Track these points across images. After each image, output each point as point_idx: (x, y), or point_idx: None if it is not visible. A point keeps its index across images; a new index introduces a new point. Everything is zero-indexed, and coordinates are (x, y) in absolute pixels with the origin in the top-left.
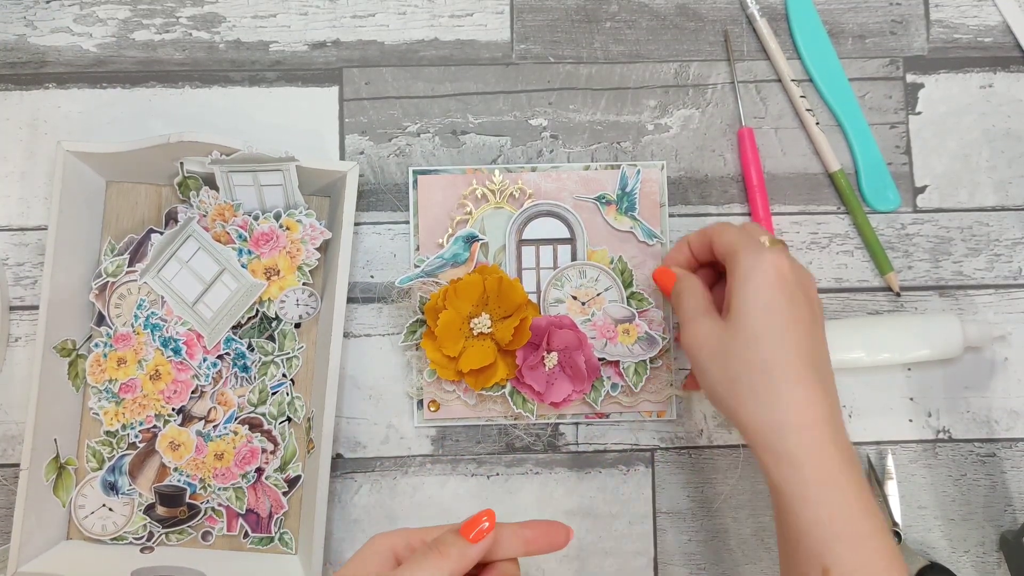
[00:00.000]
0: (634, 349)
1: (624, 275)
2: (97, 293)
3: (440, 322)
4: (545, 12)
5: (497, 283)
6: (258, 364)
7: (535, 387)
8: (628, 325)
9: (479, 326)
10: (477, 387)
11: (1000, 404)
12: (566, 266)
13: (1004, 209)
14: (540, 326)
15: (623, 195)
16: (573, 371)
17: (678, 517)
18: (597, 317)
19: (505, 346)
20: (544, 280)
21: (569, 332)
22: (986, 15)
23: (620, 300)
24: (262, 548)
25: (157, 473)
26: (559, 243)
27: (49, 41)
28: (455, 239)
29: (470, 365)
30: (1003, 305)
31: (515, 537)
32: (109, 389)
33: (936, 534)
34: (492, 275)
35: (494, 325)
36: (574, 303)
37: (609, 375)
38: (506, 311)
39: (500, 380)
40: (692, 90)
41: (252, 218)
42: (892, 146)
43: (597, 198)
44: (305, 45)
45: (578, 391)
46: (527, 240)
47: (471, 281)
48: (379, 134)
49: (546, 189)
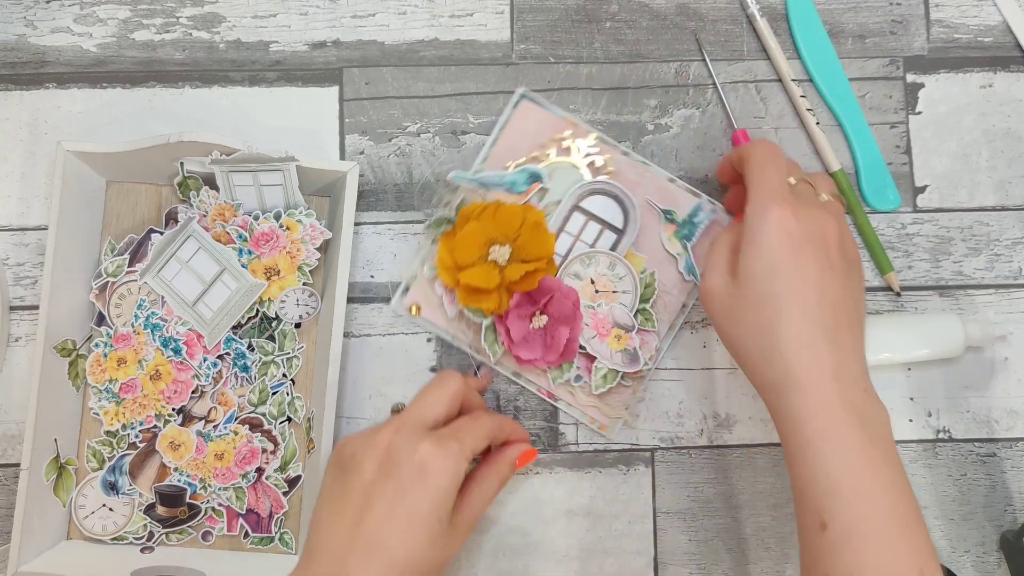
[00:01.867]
0: (615, 357)
1: (647, 290)
2: (97, 293)
3: (466, 230)
4: (545, 12)
5: (534, 226)
6: (258, 364)
7: (511, 333)
8: (623, 333)
9: (497, 254)
10: (463, 302)
11: (1000, 404)
12: (602, 252)
13: (1004, 209)
14: (549, 286)
15: (687, 222)
16: (551, 342)
17: (678, 517)
18: (601, 310)
19: (508, 284)
20: (576, 251)
21: (570, 306)
22: (986, 15)
23: (630, 308)
24: (262, 548)
25: (157, 473)
26: (608, 228)
27: (49, 41)
28: (522, 169)
29: (469, 280)
30: (1003, 305)
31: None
32: (109, 389)
33: (936, 534)
34: (533, 217)
35: (510, 262)
36: (589, 286)
37: (579, 366)
38: (527, 256)
39: (486, 309)
40: (692, 90)
41: (252, 218)
42: (892, 146)
43: (665, 211)
44: (305, 45)
45: (545, 361)
46: (583, 209)
47: (513, 211)
48: (379, 134)
49: (626, 176)
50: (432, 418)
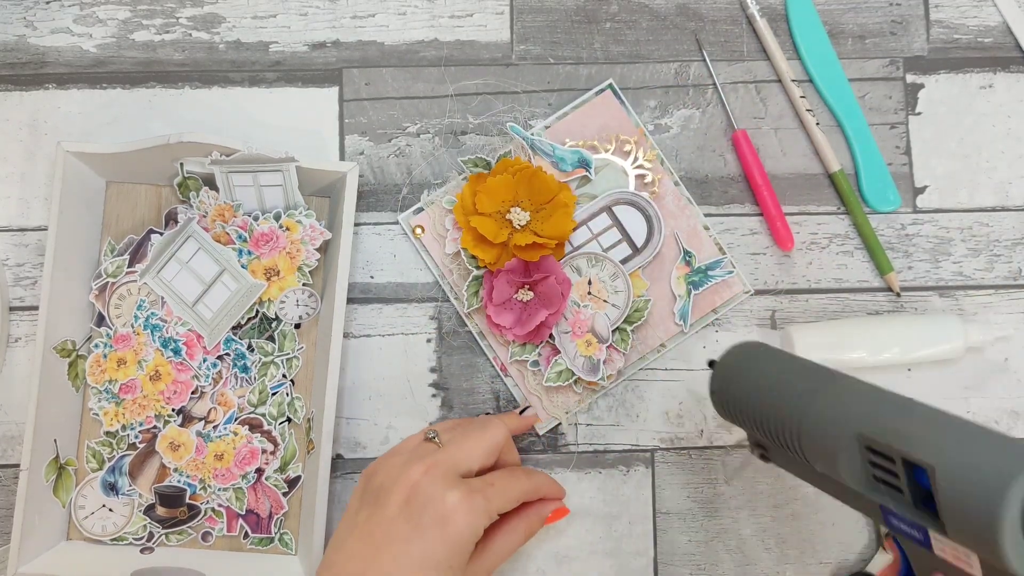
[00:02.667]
0: (577, 360)
1: (635, 313)
2: (97, 293)
3: (497, 179)
4: (545, 13)
5: (562, 206)
6: (258, 365)
7: (494, 293)
8: (594, 341)
9: (515, 215)
10: (465, 244)
11: (1000, 404)
12: (612, 260)
13: (1004, 209)
14: (548, 266)
15: (702, 271)
16: (526, 318)
17: (678, 517)
18: (585, 312)
19: (512, 246)
20: (588, 248)
21: (558, 293)
22: (986, 15)
23: (611, 322)
24: (262, 548)
25: (157, 474)
26: (627, 242)
27: (49, 42)
28: (576, 151)
29: (479, 226)
30: (1003, 305)
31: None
32: (109, 390)
33: None
34: (565, 197)
35: (524, 228)
36: (584, 285)
37: (540, 352)
38: (542, 230)
39: (482, 260)
40: (692, 90)
41: (252, 219)
42: (892, 146)
43: (687, 251)
44: (305, 45)
45: (512, 333)
46: (612, 213)
47: (549, 183)
48: (379, 134)
49: (666, 203)
50: (467, 466)
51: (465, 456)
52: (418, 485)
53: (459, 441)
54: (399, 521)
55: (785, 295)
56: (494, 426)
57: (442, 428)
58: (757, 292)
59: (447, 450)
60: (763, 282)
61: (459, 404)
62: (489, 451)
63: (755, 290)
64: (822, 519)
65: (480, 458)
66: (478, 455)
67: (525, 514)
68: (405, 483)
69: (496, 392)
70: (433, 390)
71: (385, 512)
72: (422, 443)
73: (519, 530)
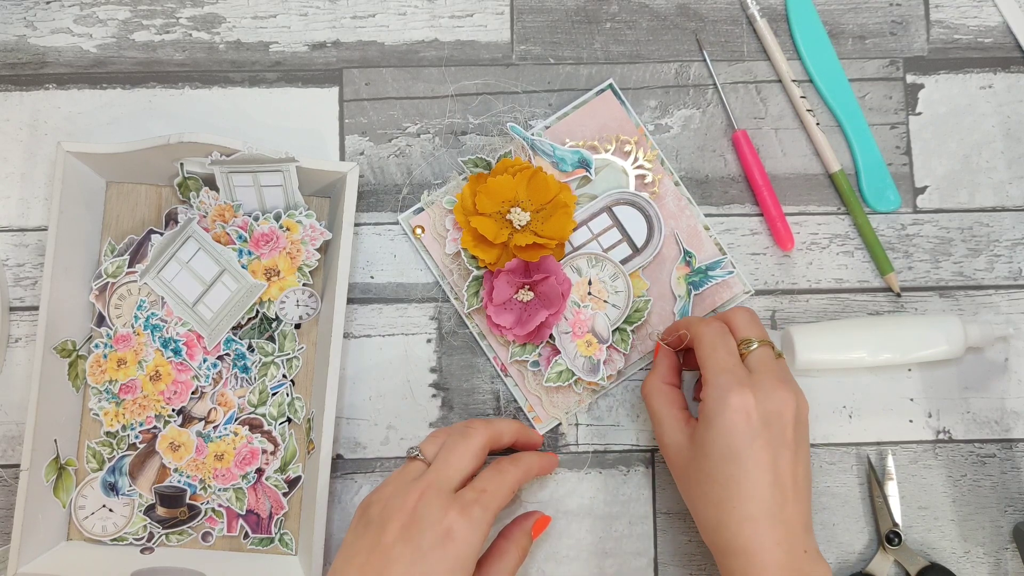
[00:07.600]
0: (577, 360)
1: (635, 314)
2: (97, 294)
3: (497, 180)
4: (545, 13)
5: (562, 206)
6: (258, 365)
7: (494, 293)
8: (595, 341)
9: (515, 215)
10: (465, 244)
11: (1000, 405)
12: (612, 260)
13: (1004, 210)
14: (548, 267)
15: (702, 271)
16: (527, 318)
17: (678, 517)
18: (585, 312)
19: (513, 246)
20: (587, 248)
21: (559, 294)
22: (986, 15)
23: (612, 322)
24: (262, 549)
25: (157, 474)
26: (628, 242)
27: (49, 42)
28: (576, 151)
29: (479, 226)
30: (1003, 306)
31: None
32: (109, 390)
33: (936, 535)
34: (565, 198)
35: (524, 228)
36: (584, 286)
37: (540, 353)
38: (542, 231)
39: (482, 260)
40: (692, 90)
41: (252, 219)
42: (892, 147)
43: (687, 252)
44: (305, 46)
45: (512, 334)
46: (613, 213)
47: (549, 183)
48: (379, 135)
49: (666, 203)
50: (458, 479)
51: (455, 471)
52: (415, 510)
53: (445, 456)
54: (399, 546)
55: (785, 295)
56: (474, 430)
57: (424, 444)
58: (757, 292)
59: (436, 469)
60: (763, 282)
61: (459, 404)
62: (475, 457)
63: (755, 290)
64: (822, 519)
65: (468, 467)
66: (466, 465)
67: (512, 535)
68: (402, 509)
69: (496, 392)
70: (433, 390)
71: (384, 539)
72: (409, 465)
73: (512, 552)
